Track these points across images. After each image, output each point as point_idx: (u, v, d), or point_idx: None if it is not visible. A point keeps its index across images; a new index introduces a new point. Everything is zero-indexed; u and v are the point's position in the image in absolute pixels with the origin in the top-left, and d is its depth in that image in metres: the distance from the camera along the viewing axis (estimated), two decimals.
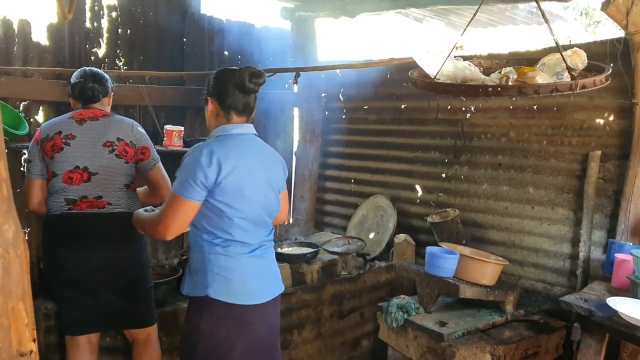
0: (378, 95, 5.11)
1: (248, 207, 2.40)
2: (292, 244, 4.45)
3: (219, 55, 4.98)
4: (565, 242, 3.86)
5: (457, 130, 4.44)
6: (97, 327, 3.02)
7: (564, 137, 3.85)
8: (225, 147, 2.38)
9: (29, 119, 3.95)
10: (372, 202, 5.10)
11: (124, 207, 2.98)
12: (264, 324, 2.50)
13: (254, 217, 2.44)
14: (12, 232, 0.68)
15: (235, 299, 2.38)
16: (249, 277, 2.43)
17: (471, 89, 2.54)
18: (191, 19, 4.78)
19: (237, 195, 2.36)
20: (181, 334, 3.42)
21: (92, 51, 4.29)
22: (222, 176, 2.32)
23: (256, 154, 2.49)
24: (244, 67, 2.48)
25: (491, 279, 3.45)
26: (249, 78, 2.43)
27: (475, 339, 3.23)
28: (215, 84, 2.51)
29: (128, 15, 4.44)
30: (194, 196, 2.32)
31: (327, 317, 4.09)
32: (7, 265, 0.68)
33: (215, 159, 2.31)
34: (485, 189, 4.30)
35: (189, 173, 2.33)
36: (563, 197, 3.86)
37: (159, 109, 4.48)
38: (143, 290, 3.09)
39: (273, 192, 2.55)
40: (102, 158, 2.94)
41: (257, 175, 2.45)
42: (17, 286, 0.70)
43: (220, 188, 2.33)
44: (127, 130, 3.04)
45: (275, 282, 2.59)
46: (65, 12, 1.52)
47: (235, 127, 2.47)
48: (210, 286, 2.38)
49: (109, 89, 3.17)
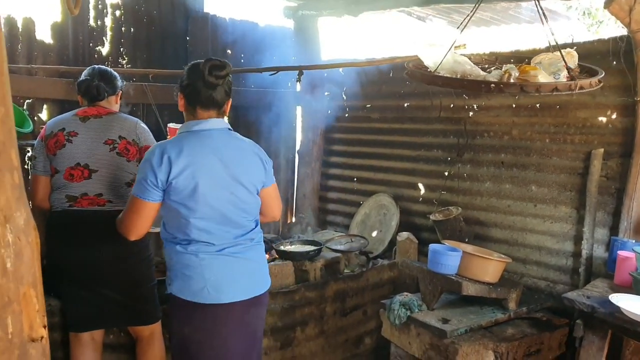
0: (381, 93, 5.12)
1: (205, 207, 2.31)
2: (295, 242, 4.46)
3: (222, 54, 5.00)
4: (567, 239, 3.86)
5: (460, 129, 4.44)
6: (100, 324, 3.03)
7: (567, 135, 3.85)
8: (180, 145, 2.31)
9: (33, 116, 3.97)
10: (375, 201, 5.10)
11: (124, 205, 2.98)
12: (235, 325, 2.41)
13: (215, 216, 2.34)
14: (24, 219, 0.69)
15: (195, 297, 2.33)
16: (213, 276, 2.34)
17: (473, 84, 2.54)
18: (195, 18, 4.80)
19: (191, 195, 2.28)
20: None
21: (95, 49, 4.32)
22: (173, 175, 2.25)
23: (220, 149, 2.35)
24: (206, 60, 2.37)
25: (494, 277, 3.45)
26: (209, 70, 2.32)
27: (478, 336, 3.23)
28: (183, 79, 2.43)
29: (132, 14, 4.46)
30: (149, 196, 2.29)
31: (330, 315, 4.10)
32: (19, 251, 0.69)
33: (165, 157, 2.26)
34: (488, 187, 4.30)
35: (143, 173, 2.30)
36: (566, 195, 3.86)
37: (162, 107, 4.50)
38: (146, 288, 3.09)
39: (244, 189, 2.40)
40: (103, 155, 2.95)
41: (218, 172, 2.33)
42: (28, 272, 0.71)
43: (173, 188, 2.27)
44: (130, 128, 3.03)
45: (250, 282, 2.46)
46: (72, 7, 1.53)
47: (198, 124, 2.38)
48: (173, 283, 2.39)
49: (116, 88, 3.17)
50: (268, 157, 2.55)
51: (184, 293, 2.35)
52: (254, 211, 2.49)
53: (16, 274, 0.70)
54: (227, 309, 2.36)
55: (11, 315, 0.69)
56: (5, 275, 0.69)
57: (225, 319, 2.37)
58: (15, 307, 0.69)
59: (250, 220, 2.48)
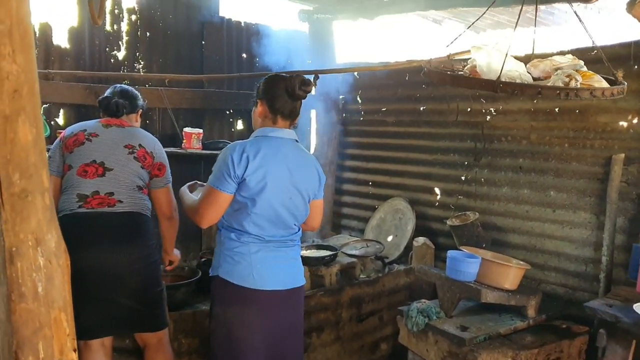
0: (396, 97, 5.09)
1: (266, 206, 2.53)
2: (310, 246, 4.44)
3: (237, 58, 5.00)
4: (587, 246, 3.81)
5: (477, 133, 4.40)
6: (109, 330, 2.99)
7: (586, 139, 3.80)
8: (257, 146, 2.53)
9: (50, 121, 3.98)
10: (391, 205, 5.07)
11: (133, 207, 2.98)
12: (274, 312, 2.61)
13: (272, 215, 2.56)
14: (54, 242, 0.67)
15: (241, 281, 2.53)
16: (258, 264, 2.55)
17: (549, 91, 2.40)
18: (210, 22, 4.80)
19: (258, 193, 2.50)
20: (200, 337, 3.44)
21: (112, 54, 4.33)
22: (248, 173, 2.47)
23: (287, 157, 2.59)
24: (295, 75, 2.65)
25: (513, 284, 3.41)
26: (299, 85, 2.59)
27: (497, 344, 3.19)
28: (266, 88, 2.64)
29: (147, 19, 4.47)
30: (226, 188, 2.50)
31: (346, 320, 4.08)
32: (50, 274, 0.67)
33: (244, 156, 2.48)
34: (506, 192, 4.26)
35: (223, 166, 2.51)
36: (585, 201, 3.81)
37: (178, 111, 4.50)
38: (154, 293, 3.05)
39: (300, 197, 2.64)
40: (120, 156, 2.98)
41: (283, 177, 2.55)
42: (59, 296, 0.70)
43: (245, 184, 2.49)
44: (150, 142, 3.12)
45: (289, 275, 2.68)
46: (96, 17, 1.52)
47: (273, 131, 2.61)
48: (221, 266, 2.59)
49: (136, 106, 3.27)
50: (324, 174, 2.80)
51: (232, 276, 2.55)
52: (302, 218, 2.72)
53: (47, 298, 0.68)
54: (268, 296, 2.56)
55: (42, 341, 0.67)
56: (37, 299, 0.67)
57: (265, 304, 2.57)
58: (46, 332, 0.67)
59: (296, 224, 2.71)
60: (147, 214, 3.07)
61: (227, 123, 5.02)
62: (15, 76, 0.57)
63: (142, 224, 3.01)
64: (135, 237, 2.95)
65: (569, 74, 2.43)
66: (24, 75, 0.58)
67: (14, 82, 0.57)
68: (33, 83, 0.58)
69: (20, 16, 0.57)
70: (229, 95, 4.88)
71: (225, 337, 2.60)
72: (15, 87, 0.57)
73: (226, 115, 5.00)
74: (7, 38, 0.56)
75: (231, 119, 5.05)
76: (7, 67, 0.56)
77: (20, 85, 0.58)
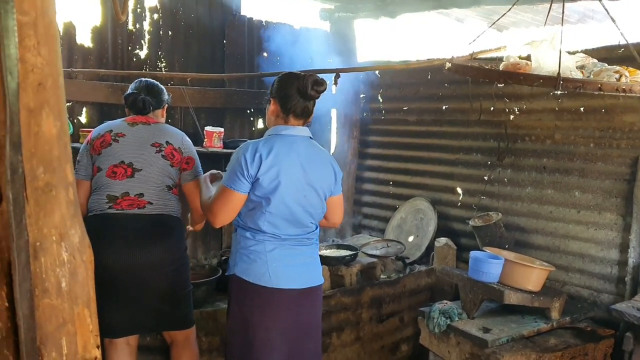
0: (418, 96, 5.05)
1: (281, 205, 2.51)
2: (330, 246, 4.42)
3: (258, 57, 4.99)
4: (613, 247, 3.74)
5: (501, 132, 4.35)
6: (135, 329, 3.00)
7: (612, 139, 3.74)
8: (270, 145, 2.51)
9: (73, 119, 4.01)
10: (412, 205, 5.03)
11: (163, 209, 2.96)
12: (290, 311, 2.59)
13: (286, 214, 2.54)
14: (78, 237, 0.66)
15: (257, 279, 2.52)
16: (273, 262, 2.54)
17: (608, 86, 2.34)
18: (232, 21, 4.80)
19: (272, 192, 2.49)
20: (220, 335, 3.44)
21: (134, 53, 4.35)
22: (261, 172, 2.46)
23: (301, 155, 2.56)
24: (307, 74, 2.61)
25: (536, 285, 3.36)
26: (312, 85, 2.56)
27: (520, 346, 3.15)
28: (278, 87, 2.62)
29: (170, 17, 4.48)
30: (240, 188, 2.49)
31: (366, 321, 4.05)
32: (74, 270, 0.66)
33: (257, 155, 2.47)
34: (529, 193, 4.20)
35: (236, 166, 2.50)
36: (611, 202, 3.75)
37: (199, 110, 4.51)
38: (182, 293, 3.05)
39: (315, 194, 2.61)
40: (148, 156, 2.94)
41: (298, 175, 2.54)
42: (82, 291, 0.69)
43: (259, 183, 2.48)
44: (177, 138, 3.08)
45: (305, 274, 2.66)
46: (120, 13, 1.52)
47: (286, 129, 2.59)
48: (237, 265, 2.58)
49: (162, 102, 3.21)
50: (340, 169, 2.77)
51: (248, 274, 2.54)
52: (318, 216, 2.69)
53: (71, 293, 0.67)
54: (284, 294, 2.55)
55: (66, 336, 0.66)
56: (60, 295, 0.66)
57: (281, 303, 2.56)
58: (69, 328, 0.66)
59: (313, 222, 2.68)
60: (178, 215, 3.05)
61: (247, 122, 5.02)
62: (39, 69, 0.56)
63: (174, 227, 2.99)
64: (165, 241, 2.92)
65: (617, 69, 2.40)
66: (49, 67, 0.57)
67: (38, 75, 0.56)
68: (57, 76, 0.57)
69: (44, 8, 0.56)
70: (250, 94, 4.88)
71: (242, 335, 2.59)
72: (39, 80, 0.56)
73: (246, 114, 5.00)
74: (32, 30, 0.55)
75: (251, 118, 5.05)
76: (32, 60, 0.55)
77: (44, 78, 0.57)
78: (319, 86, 2.59)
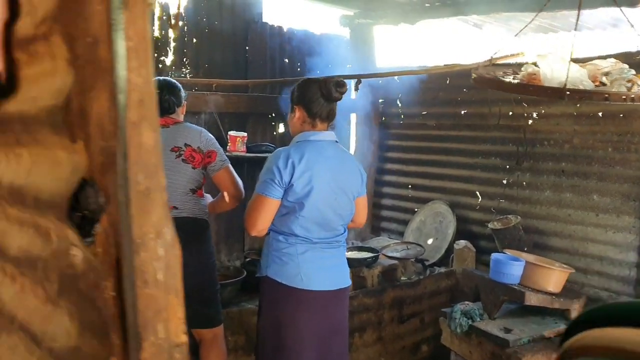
0: (437, 101, 5.12)
1: (313, 209, 2.57)
2: (351, 248, 4.49)
3: (280, 63, 5.09)
4: (631, 250, 3.79)
5: (519, 137, 4.41)
6: None
7: (631, 144, 3.79)
8: (301, 151, 2.57)
9: None
10: (431, 208, 5.10)
11: (189, 212, 3.03)
12: (321, 312, 2.65)
13: (319, 217, 2.60)
14: (170, 235, 0.77)
15: (289, 281, 2.58)
16: (306, 266, 2.59)
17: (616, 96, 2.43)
18: (254, 28, 4.90)
19: (304, 197, 2.54)
20: (246, 334, 3.53)
21: (160, 59, 4.46)
22: (295, 178, 2.52)
23: (330, 159, 2.63)
24: (328, 78, 2.70)
25: (557, 287, 3.42)
26: (335, 87, 2.63)
27: (541, 347, 3.21)
28: (301, 94, 2.69)
29: (194, 25, 4.58)
30: (272, 194, 2.54)
31: (388, 321, 4.13)
32: (167, 263, 0.77)
33: (290, 162, 2.53)
34: (548, 196, 4.26)
35: (269, 173, 2.56)
36: (629, 205, 3.80)
37: (223, 115, 4.61)
38: (210, 293, 3.14)
39: (345, 196, 2.68)
40: (169, 162, 2.98)
41: (328, 179, 2.60)
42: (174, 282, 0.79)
43: (292, 189, 2.53)
44: (195, 137, 3.09)
45: (335, 275, 2.72)
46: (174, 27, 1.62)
47: (314, 134, 2.66)
48: (270, 267, 2.63)
49: (182, 99, 3.24)
50: (364, 171, 2.85)
51: (280, 276, 2.60)
52: (347, 218, 2.76)
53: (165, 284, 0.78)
54: (315, 296, 2.62)
55: (161, 322, 0.76)
56: (157, 285, 0.76)
57: (313, 304, 2.63)
58: (164, 315, 0.76)
59: (343, 225, 2.75)
60: (204, 217, 3.12)
61: (269, 126, 5.12)
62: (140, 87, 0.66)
63: (201, 230, 3.07)
64: (193, 245, 2.96)
65: (630, 78, 2.46)
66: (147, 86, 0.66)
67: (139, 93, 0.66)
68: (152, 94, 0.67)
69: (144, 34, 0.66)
70: (272, 100, 4.98)
71: (274, 336, 2.64)
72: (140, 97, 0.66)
73: (268, 119, 5.09)
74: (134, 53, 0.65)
75: (273, 123, 5.14)
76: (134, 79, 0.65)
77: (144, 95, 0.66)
78: (341, 87, 2.65)
